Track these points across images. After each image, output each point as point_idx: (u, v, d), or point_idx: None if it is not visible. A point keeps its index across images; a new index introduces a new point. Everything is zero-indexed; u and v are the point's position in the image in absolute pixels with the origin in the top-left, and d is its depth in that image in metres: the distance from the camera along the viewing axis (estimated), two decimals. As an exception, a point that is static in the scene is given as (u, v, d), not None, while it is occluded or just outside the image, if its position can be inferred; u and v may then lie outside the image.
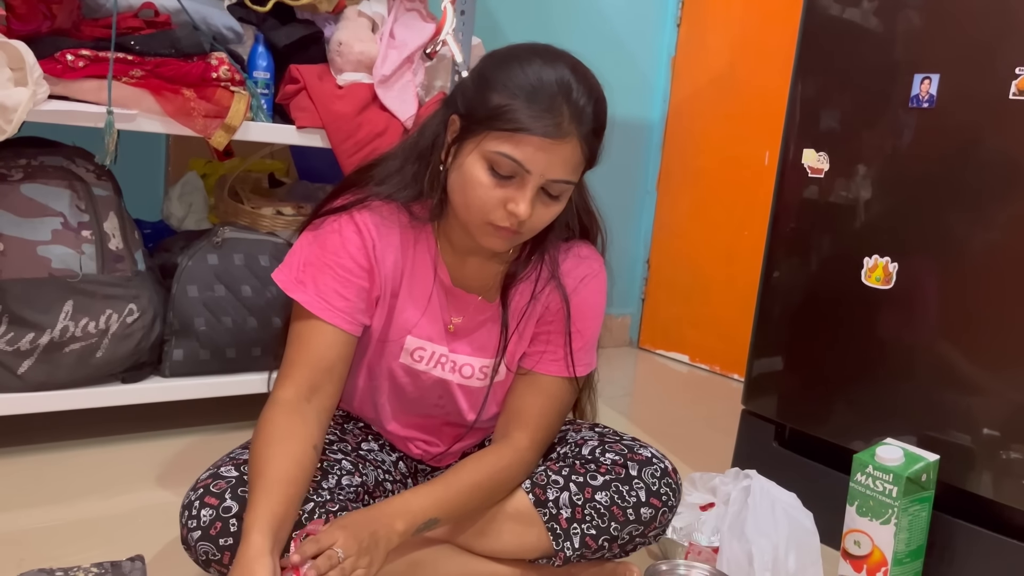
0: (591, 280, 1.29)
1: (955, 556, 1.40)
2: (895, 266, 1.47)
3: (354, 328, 1.18)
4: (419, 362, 1.26)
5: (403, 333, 1.24)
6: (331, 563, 0.93)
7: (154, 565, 1.28)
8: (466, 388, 1.29)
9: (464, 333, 1.27)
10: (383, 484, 1.31)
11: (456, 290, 1.25)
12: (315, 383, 1.14)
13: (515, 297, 1.27)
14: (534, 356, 1.29)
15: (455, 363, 1.27)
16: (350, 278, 1.17)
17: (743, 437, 1.75)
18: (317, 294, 1.15)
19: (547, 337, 1.29)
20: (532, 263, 1.26)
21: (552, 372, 1.28)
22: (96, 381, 1.66)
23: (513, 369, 1.30)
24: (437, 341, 1.26)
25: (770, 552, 1.28)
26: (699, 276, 2.83)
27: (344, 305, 1.16)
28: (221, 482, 1.11)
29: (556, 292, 1.27)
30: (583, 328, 1.28)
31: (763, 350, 1.72)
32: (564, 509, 1.22)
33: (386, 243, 1.20)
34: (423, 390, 1.28)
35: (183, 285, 1.73)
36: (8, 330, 1.55)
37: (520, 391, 1.29)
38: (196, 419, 1.86)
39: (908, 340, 1.47)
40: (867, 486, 1.36)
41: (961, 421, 1.41)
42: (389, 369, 1.26)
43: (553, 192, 1.13)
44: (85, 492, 1.55)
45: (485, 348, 1.28)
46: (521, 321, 1.28)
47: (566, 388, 1.29)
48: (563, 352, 1.28)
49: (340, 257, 1.17)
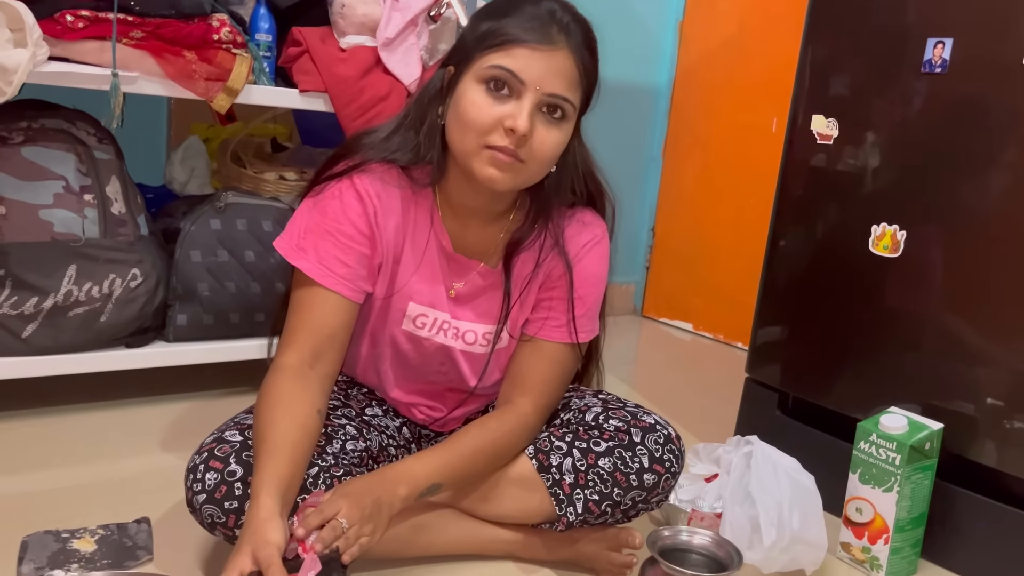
0: (594, 246, 1.28)
1: (956, 524, 1.41)
2: (903, 234, 1.46)
3: (356, 295, 1.18)
4: (421, 328, 1.25)
5: (405, 300, 1.23)
6: (336, 534, 0.94)
7: (160, 527, 1.29)
8: (469, 354, 1.28)
9: (466, 299, 1.27)
10: (387, 449, 1.32)
11: (457, 256, 1.25)
12: (318, 350, 1.14)
13: (518, 264, 1.26)
14: (537, 322, 1.28)
15: (458, 329, 1.27)
16: (351, 244, 1.16)
17: (746, 405, 1.75)
18: (318, 261, 1.15)
19: (549, 304, 1.28)
20: (536, 230, 1.25)
21: (555, 338, 1.28)
22: (100, 346, 1.66)
23: (516, 335, 1.29)
24: (439, 307, 1.25)
25: (775, 510, 1.28)
26: (704, 244, 2.81)
27: (345, 272, 1.15)
28: (225, 446, 1.12)
29: (559, 258, 1.26)
30: (585, 295, 1.28)
31: (768, 318, 1.71)
32: (567, 475, 1.23)
33: (387, 209, 1.19)
34: (425, 356, 1.28)
35: (186, 250, 1.73)
36: (12, 294, 1.55)
37: (523, 357, 1.29)
38: (200, 384, 1.86)
39: (914, 309, 1.46)
40: (870, 454, 1.36)
41: (966, 391, 1.40)
42: (392, 336, 1.26)
43: (553, 112, 1.12)
44: (90, 456, 1.56)
45: (488, 314, 1.28)
46: (524, 289, 1.27)
47: (569, 354, 1.29)
48: (566, 318, 1.27)
49: (341, 223, 1.16)
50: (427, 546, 1.24)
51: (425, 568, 1.25)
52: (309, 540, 0.91)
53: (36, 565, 1.16)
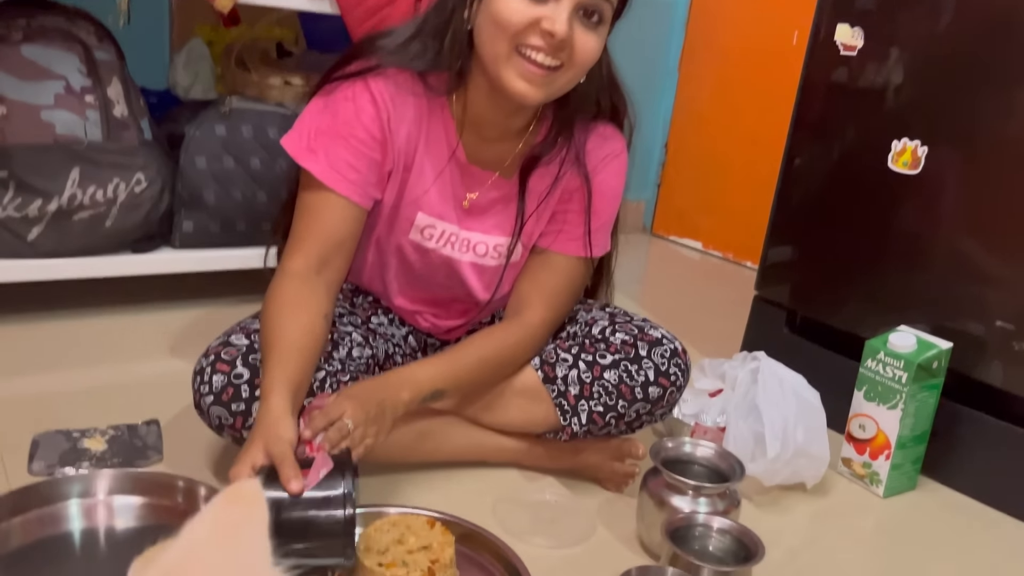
0: (612, 160, 1.25)
1: (959, 441, 1.41)
2: (924, 150, 1.42)
3: (365, 202, 1.15)
4: (428, 239, 1.23)
5: (414, 210, 1.21)
6: (342, 434, 0.94)
7: (169, 429, 1.31)
8: (479, 267, 1.27)
9: (479, 211, 1.25)
10: (393, 357, 1.32)
11: (471, 167, 1.22)
12: (325, 256, 1.13)
13: (535, 179, 1.23)
14: (550, 235, 1.27)
15: (469, 241, 1.25)
16: (363, 150, 1.13)
17: (754, 322, 1.75)
18: (329, 165, 1.12)
19: (564, 216, 1.26)
20: (558, 145, 1.22)
21: (568, 251, 1.26)
22: (107, 250, 1.66)
23: (529, 248, 1.28)
24: (448, 219, 1.23)
25: (780, 423, 1.29)
26: (718, 161, 2.76)
27: (356, 177, 1.13)
28: (232, 349, 1.12)
29: (577, 172, 1.23)
30: (600, 209, 1.25)
31: (779, 236, 1.69)
32: (572, 386, 1.23)
33: (400, 114, 1.15)
34: (431, 268, 1.27)
35: (191, 156, 1.70)
36: (15, 196, 1.53)
37: (534, 269, 1.28)
38: (207, 292, 1.86)
39: (929, 228, 1.44)
40: (876, 371, 1.36)
41: (976, 311, 1.39)
42: (398, 245, 1.24)
43: (590, 16, 1.07)
44: (99, 359, 1.57)
45: (501, 227, 1.25)
46: (541, 205, 1.24)
47: (580, 268, 1.28)
48: (580, 231, 1.25)
49: (353, 127, 1.13)
50: (432, 452, 1.26)
51: (430, 474, 1.26)
52: (316, 440, 0.92)
53: (47, 463, 1.18)
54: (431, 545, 0.98)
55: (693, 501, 1.12)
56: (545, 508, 1.24)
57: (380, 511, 1.08)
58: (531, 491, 1.28)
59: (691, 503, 1.12)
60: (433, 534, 1.00)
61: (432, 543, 0.98)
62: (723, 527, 1.05)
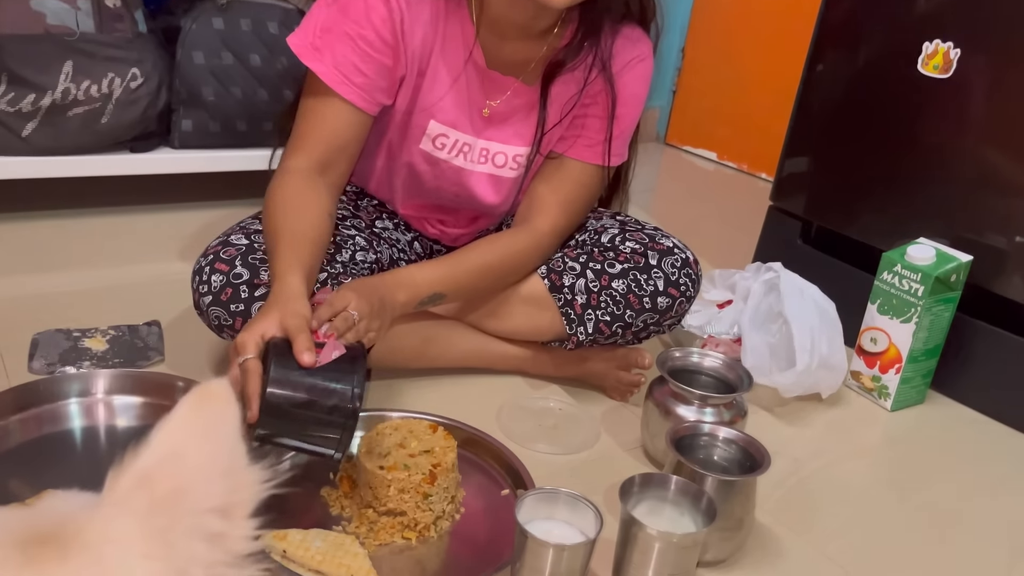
0: (638, 64, 1.19)
1: (971, 355, 1.39)
2: (957, 52, 1.35)
3: (371, 107, 1.10)
4: (440, 150, 1.18)
5: (427, 117, 1.16)
6: (348, 324, 0.91)
7: (170, 330, 1.29)
8: (496, 179, 1.22)
9: (499, 119, 1.19)
10: (398, 262, 1.29)
11: (491, 72, 1.15)
12: (328, 160, 1.09)
13: (558, 85, 1.17)
14: (568, 140, 1.21)
15: (488, 151, 1.20)
16: (371, 52, 1.07)
17: (767, 233, 1.71)
18: (335, 65, 1.06)
19: (583, 121, 1.20)
20: (584, 50, 1.15)
21: (584, 158, 1.21)
22: (104, 148, 1.61)
23: (545, 154, 1.23)
24: (462, 128, 1.17)
25: (808, 335, 1.27)
26: (736, 68, 2.66)
27: (363, 82, 1.07)
28: (231, 249, 1.09)
29: (601, 75, 1.17)
30: (622, 115, 1.20)
31: (797, 145, 1.63)
32: (579, 295, 1.20)
33: (415, 16, 1.08)
34: (441, 180, 1.22)
35: (188, 50, 1.63)
36: (8, 90, 1.48)
37: (548, 175, 1.23)
38: (208, 194, 1.83)
39: (955, 137, 1.38)
40: (892, 284, 1.33)
41: (998, 224, 1.35)
42: (409, 154, 1.20)
43: None
44: (100, 260, 1.55)
45: (521, 136, 1.20)
46: (565, 114, 1.18)
47: (596, 176, 1.23)
48: (599, 138, 1.20)
49: (363, 28, 1.06)
50: (436, 357, 1.24)
51: (435, 379, 1.25)
52: (322, 330, 0.89)
53: (47, 361, 1.17)
54: (433, 449, 0.97)
55: (699, 411, 1.11)
56: (549, 415, 1.23)
57: (383, 415, 1.08)
58: (536, 398, 1.27)
59: (697, 413, 1.10)
60: (435, 438, 0.99)
61: (434, 447, 0.98)
62: (729, 437, 1.04)
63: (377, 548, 0.92)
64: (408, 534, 0.94)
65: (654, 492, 0.93)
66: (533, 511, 0.88)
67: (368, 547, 0.91)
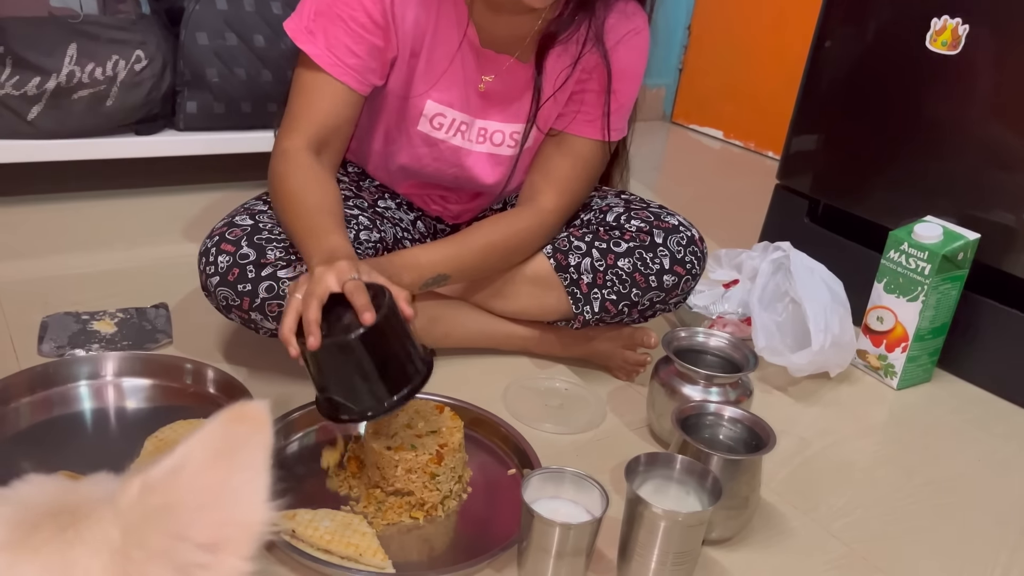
0: (633, 37, 1.18)
1: (978, 334, 1.39)
2: (965, 28, 1.33)
3: (364, 88, 1.11)
4: (438, 130, 1.18)
5: (423, 98, 1.16)
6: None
7: (177, 313, 1.30)
8: (495, 157, 1.22)
9: (497, 97, 1.19)
10: (402, 242, 1.29)
11: (486, 51, 1.15)
12: (323, 140, 1.10)
13: (551, 59, 1.17)
14: (567, 116, 1.21)
15: (485, 130, 1.20)
16: (363, 34, 1.08)
17: (774, 212, 1.70)
18: (327, 47, 1.07)
19: (581, 97, 1.20)
20: (576, 22, 1.14)
21: (584, 134, 1.21)
22: (109, 131, 1.62)
23: (545, 131, 1.22)
24: (459, 108, 1.17)
25: (822, 315, 1.27)
26: (743, 46, 2.64)
27: (355, 63, 1.08)
28: (236, 230, 1.09)
29: (596, 49, 1.16)
30: (620, 89, 1.19)
31: (805, 123, 1.62)
32: (585, 274, 1.20)
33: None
34: (440, 162, 1.22)
35: (191, 32, 1.63)
36: (13, 73, 1.48)
37: (549, 153, 1.23)
38: (213, 175, 1.83)
39: (963, 114, 1.37)
40: (899, 263, 1.32)
41: (1006, 201, 1.34)
42: (407, 138, 1.20)
43: None
44: (107, 243, 1.55)
45: (519, 114, 1.20)
46: (559, 87, 1.18)
47: (597, 152, 1.23)
48: (598, 113, 1.20)
49: (354, 9, 1.07)
50: (442, 338, 1.24)
51: (441, 359, 1.25)
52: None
53: (56, 344, 1.18)
54: (440, 430, 0.98)
55: (705, 390, 1.11)
56: (555, 395, 1.24)
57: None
58: (542, 378, 1.27)
59: (703, 392, 1.11)
60: (442, 419, 1.00)
61: (441, 428, 0.98)
62: (734, 416, 1.04)
63: (385, 527, 0.93)
64: (416, 513, 0.94)
65: (660, 471, 0.93)
66: (539, 490, 0.89)
67: (376, 526, 0.92)
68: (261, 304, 1.06)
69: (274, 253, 1.07)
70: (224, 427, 0.38)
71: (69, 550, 0.35)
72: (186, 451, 0.37)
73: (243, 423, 0.38)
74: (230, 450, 0.37)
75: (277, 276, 1.06)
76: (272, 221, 1.11)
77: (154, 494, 0.37)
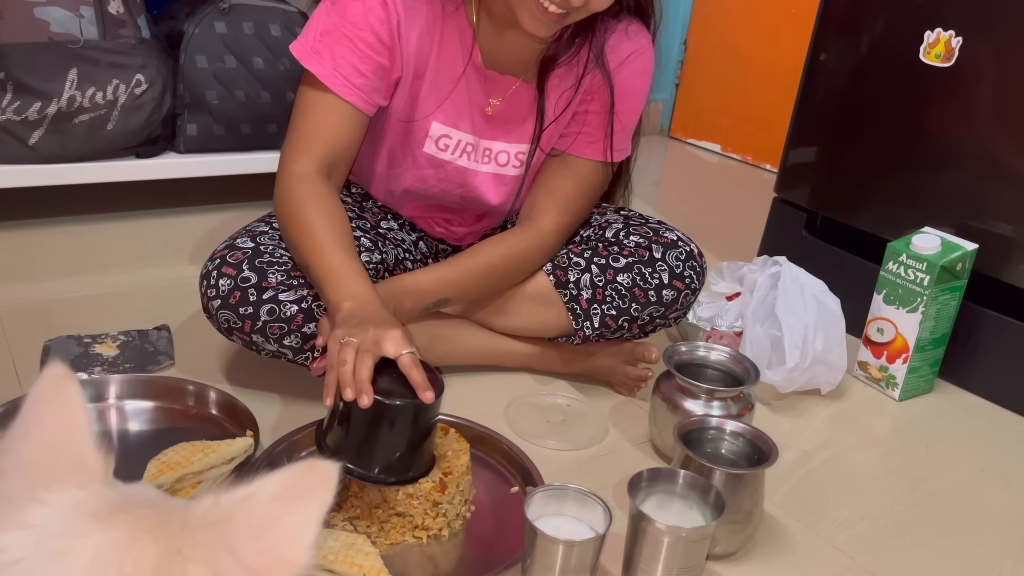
0: (637, 58, 1.19)
1: (979, 344, 1.39)
2: (959, 41, 1.35)
3: (370, 108, 1.11)
4: (444, 151, 1.19)
5: (428, 120, 1.16)
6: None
7: (180, 334, 1.30)
8: (500, 177, 1.23)
9: (501, 119, 1.19)
10: (403, 263, 1.30)
11: (489, 73, 1.16)
12: (333, 161, 1.10)
13: (554, 80, 1.17)
14: (569, 136, 1.22)
15: (490, 151, 1.20)
16: (370, 53, 1.08)
17: (772, 225, 1.71)
18: (334, 67, 1.07)
19: (584, 117, 1.21)
20: (577, 43, 1.15)
21: (586, 155, 1.22)
22: (110, 155, 1.63)
23: (547, 151, 1.23)
24: (464, 128, 1.18)
25: (800, 332, 1.27)
26: (739, 60, 2.66)
27: (362, 83, 1.08)
28: (238, 253, 1.10)
29: (599, 71, 1.17)
30: (623, 110, 1.20)
31: (801, 136, 1.63)
32: (585, 290, 1.20)
33: (411, 17, 1.09)
34: (446, 183, 1.22)
35: (191, 55, 1.64)
36: (14, 99, 1.49)
37: (550, 173, 1.23)
38: (214, 197, 1.84)
39: (958, 125, 1.38)
40: (898, 274, 1.33)
41: (1003, 212, 1.34)
42: (413, 159, 1.20)
43: None
44: (109, 266, 1.56)
45: (522, 134, 1.21)
46: (563, 108, 1.19)
47: (599, 173, 1.23)
48: (600, 134, 1.20)
49: (361, 29, 1.07)
50: (444, 356, 1.25)
51: (443, 377, 1.26)
52: None
53: (59, 367, 1.18)
54: (446, 454, 0.98)
55: (706, 405, 1.11)
56: (557, 411, 1.24)
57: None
58: (543, 394, 1.27)
59: (704, 407, 1.11)
60: (448, 441, 1.00)
61: (447, 452, 0.98)
62: (736, 430, 1.04)
63: (388, 547, 0.93)
64: (418, 533, 0.94)
65: (663, 486, 0.93)
66: (543, 507, 0.89)
67: (379, 546, 0.92)
68: (263, 327, 1.06)
69: (276, 276, 1.07)
70: (296, 474, 0.42)
71: (137, 532, 0.40)
72: (260, 484, 0.42)
73: (312, 475, 0.42)
74: (295, 494, 0.41)
75: (279, 299, 1.06)
76: (273, 243, 1.12)
77: (221, 508, 0.41)
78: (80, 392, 0.45)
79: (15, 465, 0.43)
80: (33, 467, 0.43)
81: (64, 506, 0.41)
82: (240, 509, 0.41)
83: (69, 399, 0.45)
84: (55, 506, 0.41)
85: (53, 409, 0.44)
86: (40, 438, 0.43)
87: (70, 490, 0.42)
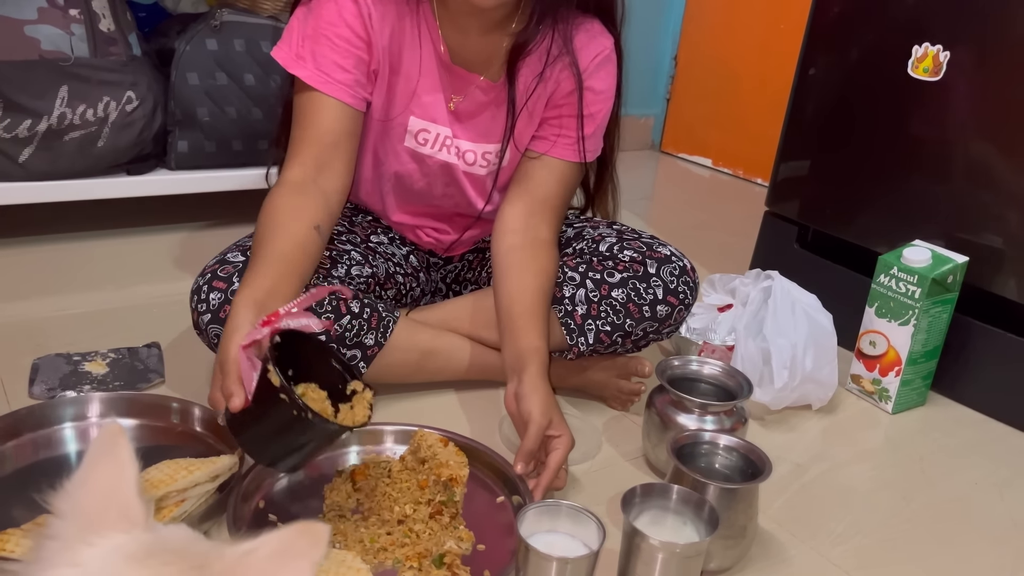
0: (603, 62, 1.20)
1: (971, 356, 1.39)
2: (946, 55, 1.35)
3: (357, 101, 1.13)
4: (424, 145, 1.21)
5: (406, 114, 1.19)
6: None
7: (170, 352, 1.30)
8: (471, 175, 1.24)
9: (467, 116, 1.21)
10: (394, 276, 1.29)
11: (456, 68, 1.17)
12: (321, 160, 1.10)
13: (523, 70, 1.18)
14: (548, 140, 1.22)
15: (459, 148, 1.22)
16: (348, 48, 1.11)
17: (764, 239, 1.71)
18: (316, 67, 1.10)
19: (559, 121, 1.22)
20: (541, 32, 1.15)
21: (567, 157, 1.23)
22: (101, 172, 1.62)
23: (522, 150, 1.23)
24: (441, 122, 1.20)
25: (788, 351, 1.27)
26: (729, 74, 2.68)
27: (345, 77, 1.11)
28: (228, 267, 1.09)
29: (568, 70, 1.18)
30: (594, 112, 1.21)
31: (791, 150, 1.64)
32: (579, 306, 1.20)
33: (382, 13, 1.13)
34: (430, 177, 1.24)
35: (182, 72, 1.64)
36: (4, 116, 1.49)
37: (533, 176, 1.23)
38: (205, 214, 1.83)
39: (947, 139, 1.39)
40: (889, 287, 1.33)
41: (994, 224, 1.35)
42: (395, 155, 1.21)
43: None
44: (99, 283, 1.55)
45: (489, 133, 1.22)
46: (530, 99, 1.19)
47: (578, 173, 1.26)
48: (577, 136, 1.21)
49: (337, 27, 1.11)
50: (437, 371, 1.24)
51: (436, 392, 1.25)
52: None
53: (48, 386, 1.17)
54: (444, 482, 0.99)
55: (699, 419, 1.10)
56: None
57: (381, 430, 1.07)
58: (536, 410, 1.26)
59: (697, 421, 1.10)
60: (447, 453, 1.00)
61: (443, 472, 0.99)
62: (730, 444, 1.03)
63: (377, 564, 0.92)
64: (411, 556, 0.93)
65: (656, 502, 0.93)
66: (535, 524, 0.88)
67: (368, 562, 0.91)
68: None
69: None
70: (292, 534, 0.47)
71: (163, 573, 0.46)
72: (259, 542, 0.47)
73: (306, 537, 0.46)
74: (288, 553, 0.46)
75: (269, 313, 1.05)
76: (265, 257, 1.11)
77: (225, 563, 0.47)
78: (130, 447, 0.51)
79: (71, 510, 0.48)
80: (86, 512, 0.48)
81: (108, 548, 0.47)
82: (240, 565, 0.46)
83: (120, 454, 0.51)
84: (101, 548, 0.46)
85: (106, 462, 0.50)
86: (94, 487, 0.49)
87: (116, 534, 0.47)
